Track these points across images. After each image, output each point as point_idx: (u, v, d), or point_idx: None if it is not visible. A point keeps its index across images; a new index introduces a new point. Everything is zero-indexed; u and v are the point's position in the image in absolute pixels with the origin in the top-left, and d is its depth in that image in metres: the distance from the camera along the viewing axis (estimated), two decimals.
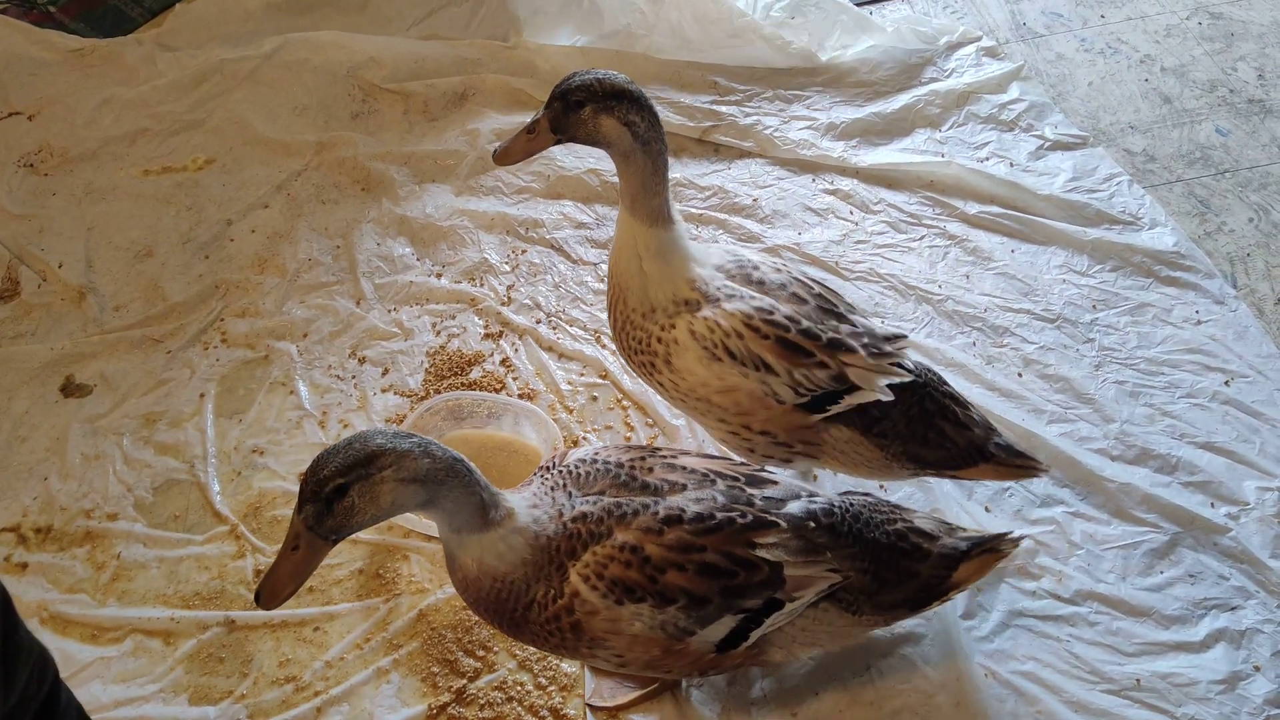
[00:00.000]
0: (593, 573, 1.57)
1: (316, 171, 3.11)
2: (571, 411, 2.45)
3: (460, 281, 2.75)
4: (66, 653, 2.12)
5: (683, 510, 1.60)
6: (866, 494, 1.84)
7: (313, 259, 2.84)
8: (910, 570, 1.74)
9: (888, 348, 1.87)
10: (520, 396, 2.46)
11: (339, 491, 1.38)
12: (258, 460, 2.42)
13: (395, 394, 2.52)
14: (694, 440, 2.37)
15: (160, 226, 3.00)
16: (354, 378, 2.56)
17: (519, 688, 2.01)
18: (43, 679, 0.69)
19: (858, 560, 1.71)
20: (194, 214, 3.03)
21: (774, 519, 1.64)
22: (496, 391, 2.47)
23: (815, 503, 1.71)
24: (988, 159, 3.00)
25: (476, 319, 2.67)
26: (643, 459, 1.70)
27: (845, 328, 1.87)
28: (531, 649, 2.06)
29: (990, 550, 1.79)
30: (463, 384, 2.50)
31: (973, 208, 2.87)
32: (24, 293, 2.87)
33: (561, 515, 1.60)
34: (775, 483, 1.72)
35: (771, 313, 1.83)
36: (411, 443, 1.42)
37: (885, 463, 1.94)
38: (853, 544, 1.71)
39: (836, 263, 2.75)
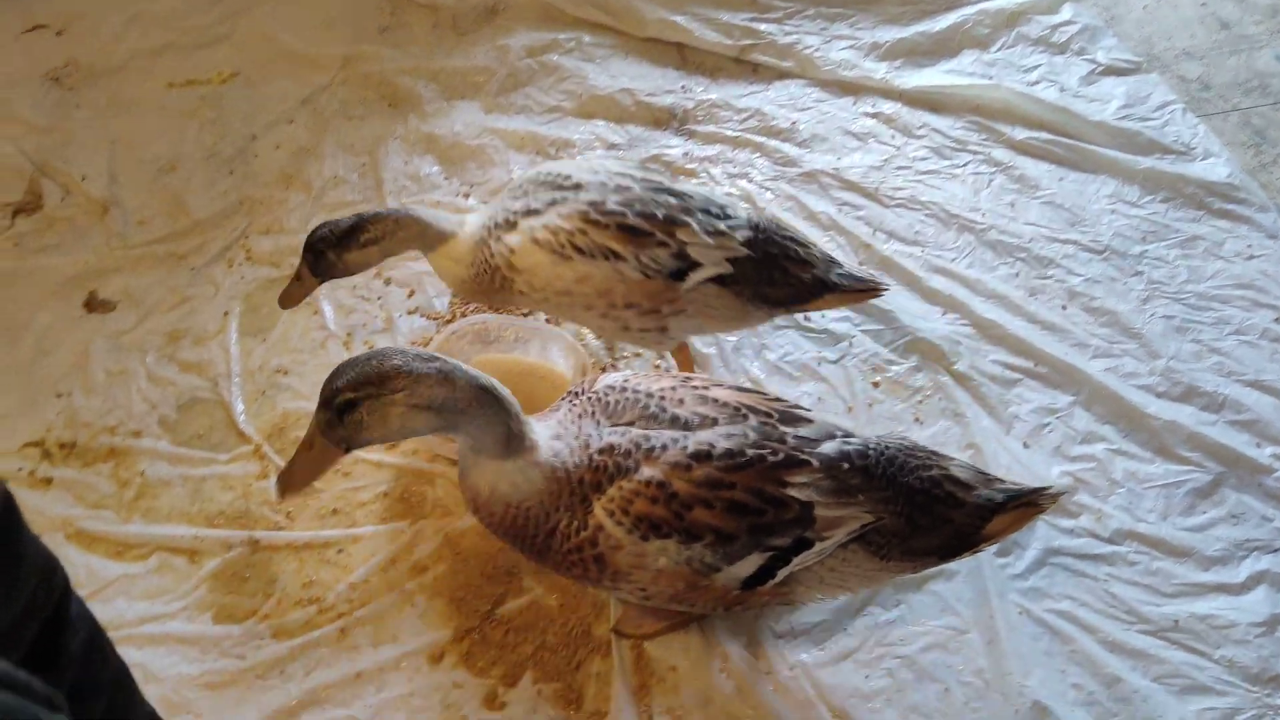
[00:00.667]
0: (618, 508, 1.53)
1: (343, 86, 3.04)
2: (601, 338, 2.40)
3: (488, 200, 2.68)
4: (91, 569, 2.11)
5: (712, 446, 1.55)
6: (902, 438, 1.78)
7: (338, 176, 2.78)
8: (944, 517, 1.68)
9: (722, 226, 1.97)
10: (548, 320, 2.40)
11: (349, 405, 1.39)
12: (282, 380, 2.39)
13: (421, 316, 2.47)
14: (726, 371, 2.32)
15: (184, 140, 2.94)
16: (379, 299, 2.51)
17: (546, 611, 1.99)
18: (50, 590, 0.67)
19: (891, 504, 1.65)
20: (218, 128, 2.97)
21: (806, 457, 1.58)
22: (527, 314, 2.41)
23: (850, 443, 1.65)
24: (1037, 83, 2.89)
25: None
26: (674, 389, 1.64)
27: (677, 201, 1.97)
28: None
29: (1028, 504, 1.72)
30: (492, 306, 2.44)
31: (1020, 133, 2.77)
32: (47, 206, 2.83)
33: (588, 446, 1.57)
34: (810, 421, 1.66)
35: (604, 203, 1.94)
36: (431, 367, 1.40)
37: (742, 308, 2.02)
38: (886, 487, 1.64)
39: (876, 189, 2.66)
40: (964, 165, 2.72)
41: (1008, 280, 2.47)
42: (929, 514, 1.67)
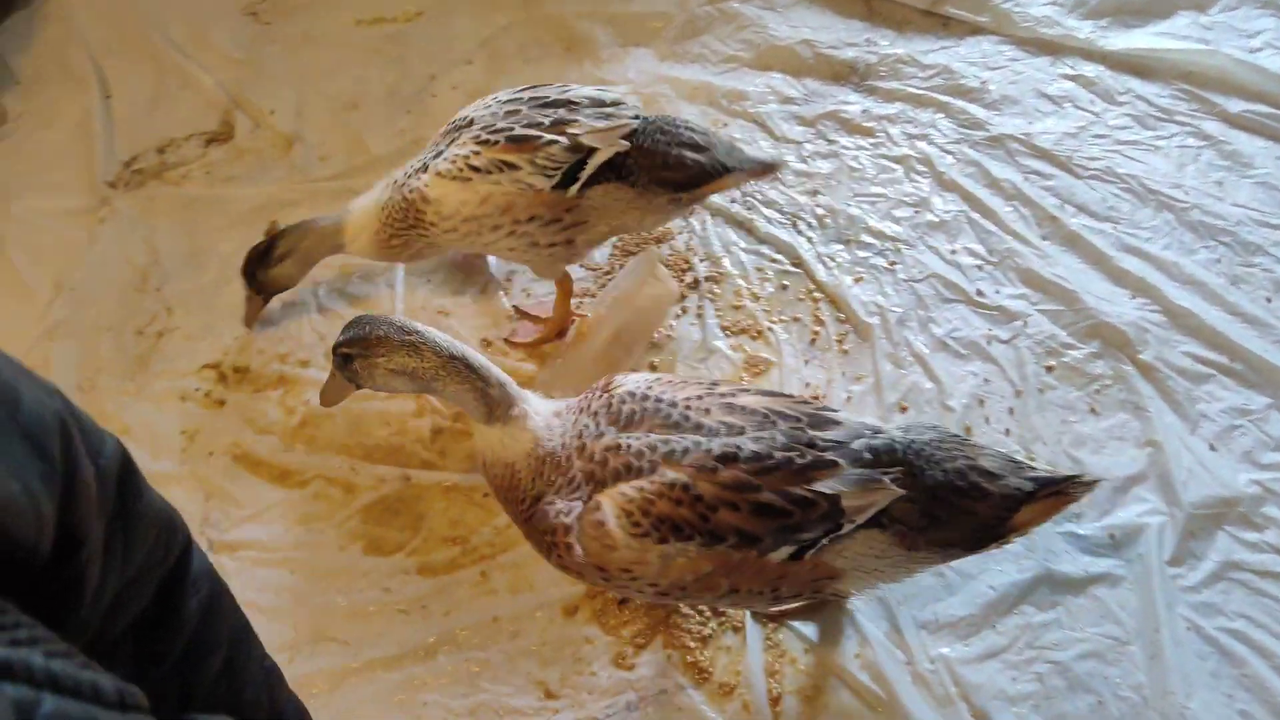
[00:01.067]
0: (638, 509, 1.52)
1: (522, 28, 3.04)
2: (758, 299, 2.33)
3: None
4: (255, 491, 2.21)
5: (739, 448, 1.53)
6: (934, 427, 1.69)
7: None
8: (966, 509, 1.59)
9: (610, 110, 2.06)
10: (706, 279, 2.36)
11: (346, 358, 1.63)
12: (442, 321, 2.43)
13: (581, 266, 2.46)
14: (888, 343, 2.22)
15: (367, 78, 3.00)
16: None
17: None
18: (169, 547, 0.67)
19: (912, 499, 1.58)
20: (400, 67, 3.01)
21: (834, 458, 1.54)
22: (684, 272, 2.37)
23: (878, 439, 1.60)
24: (1260, 49, 2.62)
25: None
26: (700, 398, 1.61)
27: (563, 112, 2.06)
28: None
29: (1058, 493, 1.62)
30: None
31: (1236, 105, 2.53)
32: (237, 137, 2.95)
33: (581, 437, 1.59)
34: (839, 423, 1.61)
35: (493, 124, 2.06)
36: (404, 339, 1.58)
37: (642, 200, 2.06)
38: (910, 482, 1.58)
39: (1069, 158, 2.48)
40: (1169, 137, 2.51)
41: (1208, 266, 2.27)
42: (949, 506, 1.60)
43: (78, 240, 2.78)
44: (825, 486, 1.52)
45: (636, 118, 2.07)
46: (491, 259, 2.52)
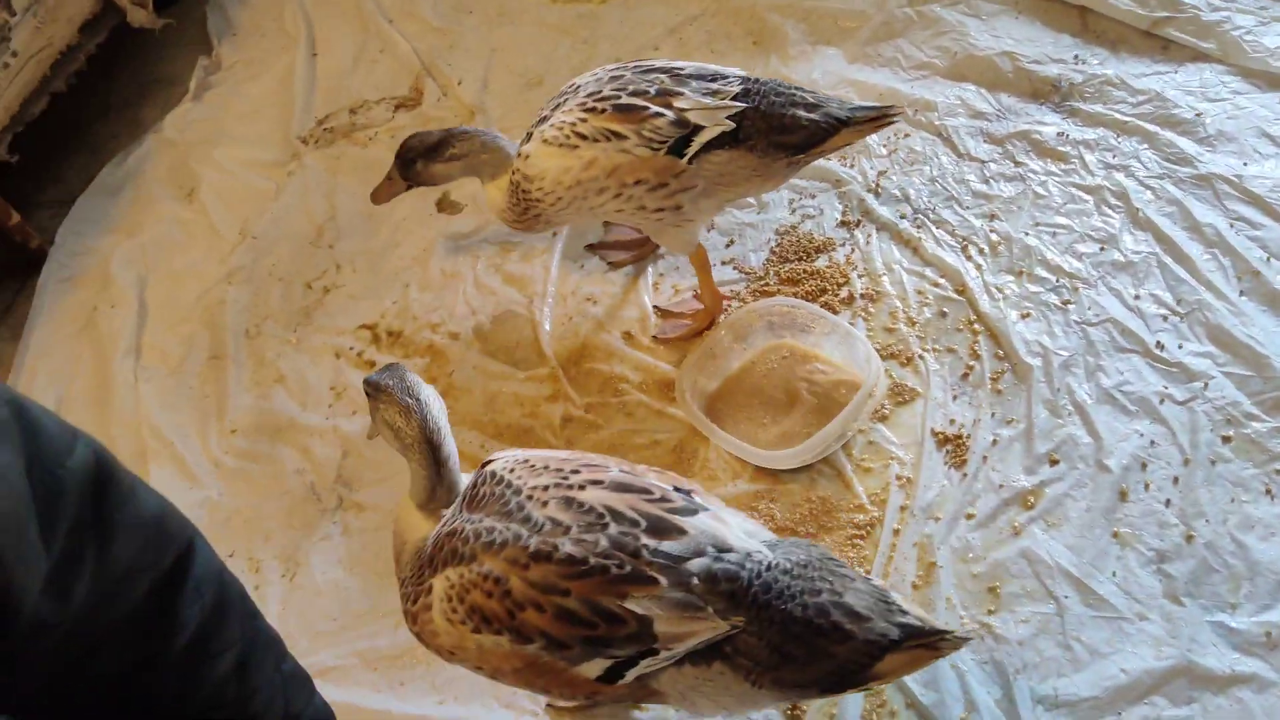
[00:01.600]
0: (456, 594, 1.51)
1: (713, 18, 2.98)
2: (914, 324, 2.21)
3: (829, 159, 2.53)
4: (389, 455, 2.26)
5: (556, 548, 1.45)
6: (812, 545, 1.54)
7: None
8: (825, 651, 1.44)
9: (715, 87, 2.02)
10: (862, 296, 2.25)
11: (367, 393, 1.70)
12: (589, 309, 2.41)
13: (734, 269, 2.39)
14: (1046, 386, 2.06)
15: (555, 57, 3.01)
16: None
17: None
18: (161, 551, 0.67)
19: (756, 632, 1.45)
20: (587, 49, 3.01)
21: (654, 575, 1.42)
22: (839, 286, 2.28)
23: (723, 562, 1.46)
24: None
25: (837, 202, 2.46)
26: (546, 488, 1.53)
27: (668, 80, 2.03)
28: None
29: (927, 646, 1.44)
30: (805, 271, 2.33)
31: None
32: (425, 104, 3.02)
33: (441, 520, 1.62)
34: (685, 533, 1.47)
35: (600, 92, 2.04)
36: (404, 401, 1.62)
37: (760, 162, 2.02)
38: (755, 613, 1.45)
39: None
40: None
41: None
42: (805, 646, 1.44)
43: (266, 191, 2.91)
44: (637, 606, 1.42)
45: (744, 89, 2.02)
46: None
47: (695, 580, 1.44)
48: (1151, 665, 1.73)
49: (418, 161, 2.21)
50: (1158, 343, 2.08)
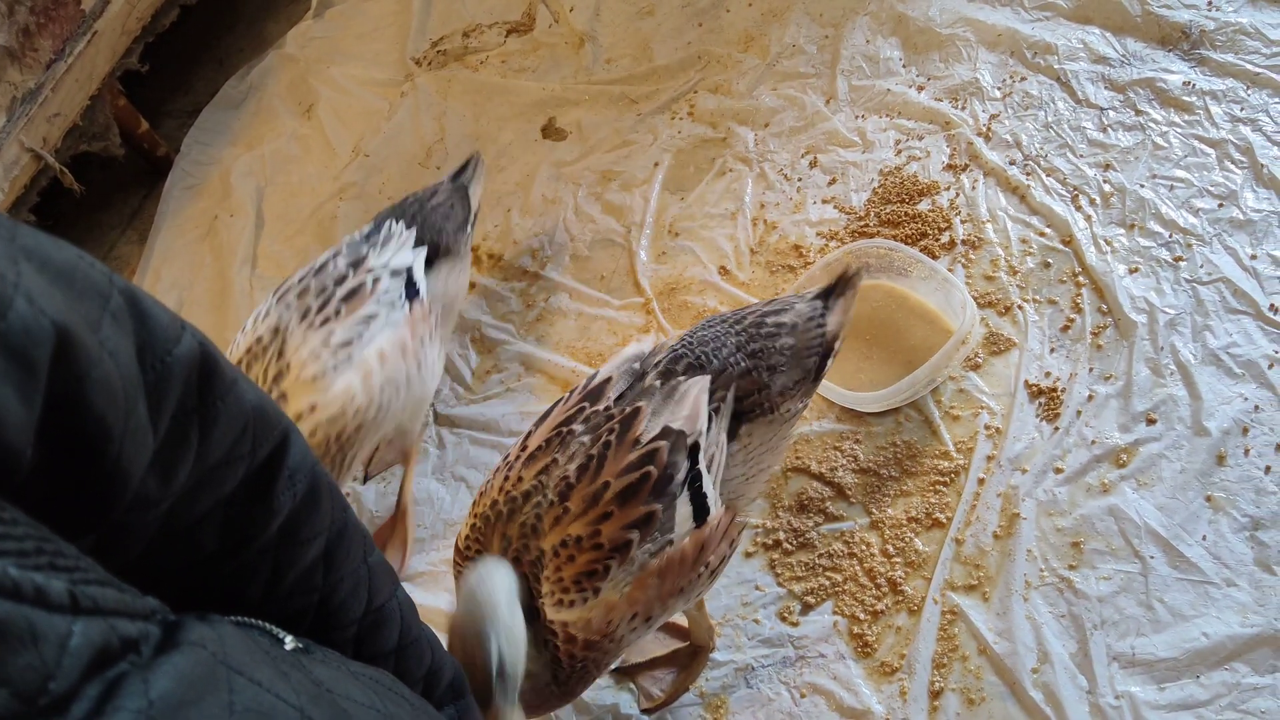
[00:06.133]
0: (558, 591, 1.45)
1: None
2: (1015, 274, 2.17)
3: (941, 100, 2.48)
4: (484, 373, 2.34)
5: (566, 475, 1.47)
6: (716, 316, 1.72)
7: (797, 45, 2.70)
8: (785, 348, 1.65)
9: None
10: (963, 243, 2.21)
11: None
12: (685, 242, 2.42)
13: (835, 208, 2.37)
14: (1149, 344, 2.00)
15: None
16: (799, 180, 2.44)
17: (863, 546, 1.91)
18: (258, 441, 0.72)
19: (735, 368, 1.61)
20: None
21: (637, 408, 1.51)
22: (941, 231, 2.24)
23: (658, 355, 1.62)
24: None
25: (944, 145, 2.41)
26: (505, 478, 1.53)
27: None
28: (889, 509, 1.93)
29: (844, 287, 1.74)
30: (907, 213, 2.29)
31: None
32: (536, 30, 3.03)
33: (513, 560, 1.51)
34: (609, 379, 1.59)
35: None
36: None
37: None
38: (719, 362, 1.61)
39: None
40: None
41: None
42: (770, 354, 1.64)
43: (379, 110, 2.97)
44: (650, 430, 1.49)
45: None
46: (749, 182, 2.47)
47: (659, 382, 1.56)
48: (1236, 632, 1.70)
49: None
50: (1271, 305, 2.00)
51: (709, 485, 1.54)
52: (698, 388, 1.54)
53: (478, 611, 1.33)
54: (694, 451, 1.51)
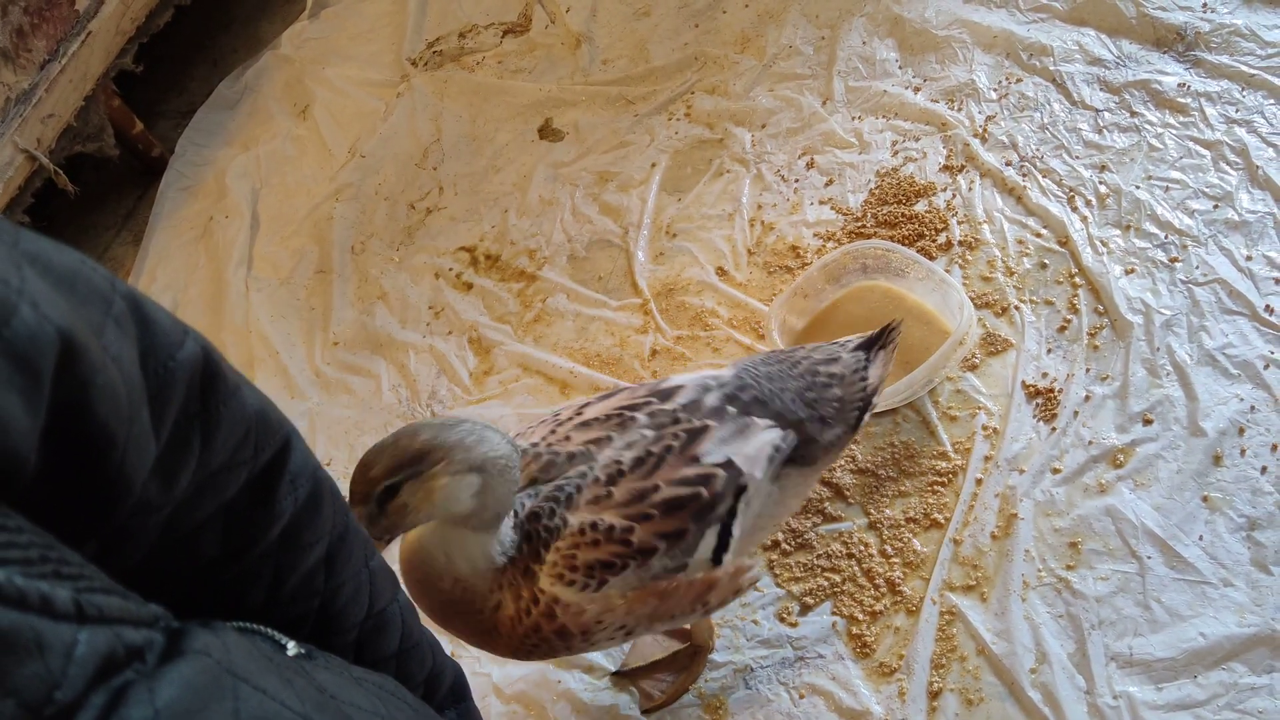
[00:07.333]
0: (566, 568, 1.41)
1: None
2: (1012, 274, 2.17)
3: (937, 101, 2.48)
4: (481, 374, 2.33)
5: (619, 461, 1.45)
6: (772, 355, 1.72)
7: (793, 46, 2.70)
8: (834, 399, 1.64)
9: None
10: (960, 244, 2.22)
11: (389, 491, 1.25)
12: (683, 243, 2.43)
13: (832, 209, 2.37)
14: (1145, 345, 2.01)
15: None
16: (796, 181, 2.45)
17: (862, 547, 1.91)
18: (260, 445, 0.71)
19: (790, 412, 1.59)
20: None
21: (701, 423, 1.50)
22: (938, 232, 2.24)
23: (725, 385, 1.58)
24: None
25: (941, 146, 2.41)
26: (552, 431, 1.51)
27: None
28: (887, 509, 1.94)
29: (886, 339, 1.74)
30: (904, 214, 2.30)
31: None
32: (532, 30, 3.03)
33: (517, 516, 1.42)
34: (682, 386, 1.57)
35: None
36: (461, 431, 1.28)
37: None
38: (781, 405, 1.59)
39: None
40: None
41: None
42: (822, 403, 1.63)
43: (375, 111, 2.97)
44: (714, 455, 1.48)
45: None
46: (746, 182, 2.47)
47: (728, 408, 1.54)
48: (1233, 632, 1.71)
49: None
50: (1267, 306, 2.01)
51: (738, 528, 1.53)
52: (771, 436, 1.53)
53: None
54: (739, 492, 1.51)
